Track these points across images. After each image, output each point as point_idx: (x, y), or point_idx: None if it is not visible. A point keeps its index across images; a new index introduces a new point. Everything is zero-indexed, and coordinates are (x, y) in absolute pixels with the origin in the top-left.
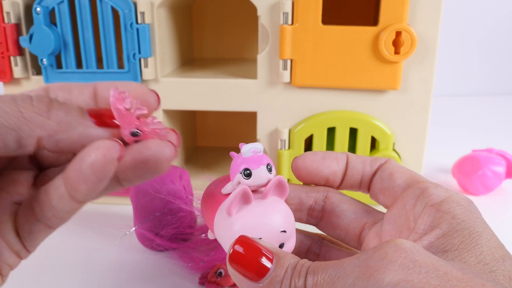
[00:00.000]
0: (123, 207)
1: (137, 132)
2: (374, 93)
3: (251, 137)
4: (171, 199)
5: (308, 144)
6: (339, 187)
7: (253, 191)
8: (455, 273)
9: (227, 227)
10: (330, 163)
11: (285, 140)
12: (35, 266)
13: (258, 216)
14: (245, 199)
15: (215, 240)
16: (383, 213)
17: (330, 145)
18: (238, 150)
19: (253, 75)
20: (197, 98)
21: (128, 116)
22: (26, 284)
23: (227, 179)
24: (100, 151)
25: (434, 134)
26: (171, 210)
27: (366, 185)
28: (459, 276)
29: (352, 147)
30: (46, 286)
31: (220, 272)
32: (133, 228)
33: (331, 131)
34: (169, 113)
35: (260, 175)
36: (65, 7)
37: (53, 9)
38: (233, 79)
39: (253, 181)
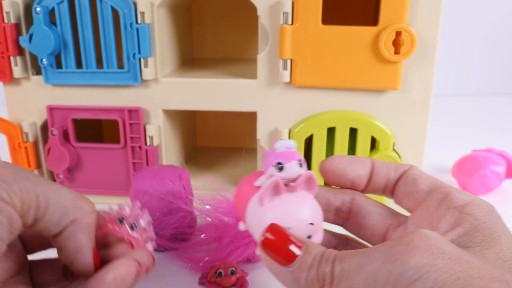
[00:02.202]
0: None
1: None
2: (374, 93)
3: (251, 137)
4: (171, 199)
5: (308, 144)
6: (364, 190)
7: (284, 185)
8: (476, 262)
9: (259, 216)
10: (356, 167)
11: None
12: None
13: (288, 207)
14: (276, 190)
15: (215, 240)
16: (407, 216)
17: (330, 145)
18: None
19: (253, 75)
20: (197, 98)
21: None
22: None
23: (259, 175)
24: (122, 268)
25: (434, 134)
26: (171, 210)
27: (390, 189)
28: (480, 265)
29: (352, 147)
30: None
31: (220, 272)
32: None
33: (331, 131)
34: (169, 113)
35: (292, 169)
36: (65, 7)
37: (53, 9)
38: (233, 79)
39: (285, 174)
